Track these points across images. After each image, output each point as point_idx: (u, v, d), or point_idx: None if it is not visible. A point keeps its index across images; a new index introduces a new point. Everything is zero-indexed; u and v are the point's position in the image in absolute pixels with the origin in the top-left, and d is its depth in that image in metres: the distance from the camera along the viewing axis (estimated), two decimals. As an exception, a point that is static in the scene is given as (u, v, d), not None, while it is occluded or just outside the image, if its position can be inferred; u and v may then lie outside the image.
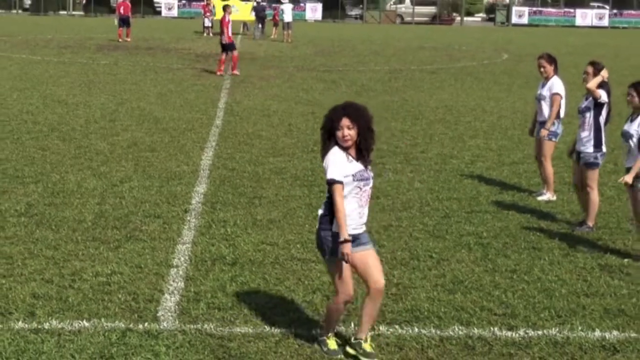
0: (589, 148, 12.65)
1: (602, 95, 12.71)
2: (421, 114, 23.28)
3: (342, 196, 7.79)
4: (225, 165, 16.22)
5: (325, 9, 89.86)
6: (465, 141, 19.56)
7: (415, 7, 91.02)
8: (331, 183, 7.80)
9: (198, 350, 8.13)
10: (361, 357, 8.11)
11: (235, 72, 32.44)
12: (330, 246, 7.92)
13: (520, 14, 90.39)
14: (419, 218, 12.76)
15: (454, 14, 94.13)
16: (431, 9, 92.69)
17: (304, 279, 10.14)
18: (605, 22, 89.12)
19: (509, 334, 8.75)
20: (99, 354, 7.99)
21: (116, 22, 53.30)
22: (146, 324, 8.68)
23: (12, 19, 76.27)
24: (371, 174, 8.10)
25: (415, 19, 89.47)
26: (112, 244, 11.31)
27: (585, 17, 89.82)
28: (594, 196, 12.67)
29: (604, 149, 12.76)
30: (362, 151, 8.03)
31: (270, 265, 10.59)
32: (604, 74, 12.72)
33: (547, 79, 14.69)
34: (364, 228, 8.11)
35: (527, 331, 8.82)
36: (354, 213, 7.94)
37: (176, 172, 15.51)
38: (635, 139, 11.38)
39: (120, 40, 50.38)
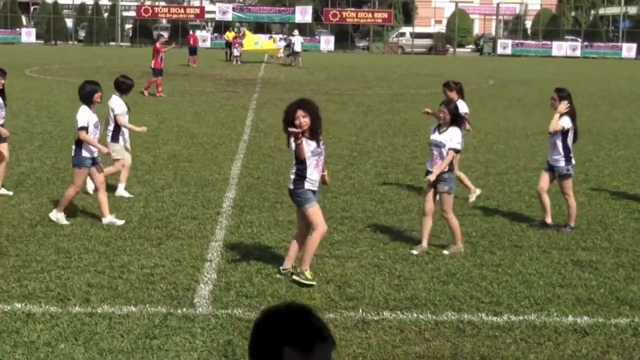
0: (561, 163, 12.66)
1: (565, 125, 12.59)
2: (419, 131, 23.25)
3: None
4: (251, 174, 16.26)
5: (336, 41, 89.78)
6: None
7: (414, 40, 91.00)
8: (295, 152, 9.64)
9: (228, 332, 8.17)
10: (305, 282, 9.55)
11: (151, 93, 32.45)
12: (306, 197, 9.65)
13: (505, 46, 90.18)
14: (418, 220, 12.75)
15: (448, 46, 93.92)
16: (428, 41, 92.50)
17: (319, 271, 10.16)
18: (577, 52, 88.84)
19: (495, 319, 8.77)
20: (144, 334, 8.04)
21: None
22: (184, 309, 8.73)
23: (68, 49, 76.52)
24: (323, 147, 9.83)
25: (414, 49, 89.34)
26: (155, 241, 11.37)
27: (560, 48, 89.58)
28: (572, 201, 12.71)
29: (573, 162, 12.78)
30: (313, 133, 9.63)
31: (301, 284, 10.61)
32: (562, 108, 12.58)
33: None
34: (318, 184, 9.83)
35: (510, 317, 8.84)
36: (313, 176, 9.69)
37: (209, 180, 15.56)
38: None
39: (189, 65, 52.47)
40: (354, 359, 7.69)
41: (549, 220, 12.76)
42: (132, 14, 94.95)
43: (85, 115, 12.23)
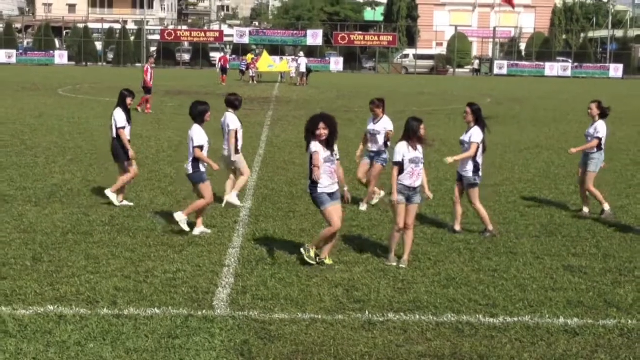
0: (469, 173, 12.64)
1: (477, 140, 12.54)
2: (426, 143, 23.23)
3: (318, 164, 10.32)
4: (266, 186, 16.28)
5: (345, 62, 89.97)
6: (456, 167, 19.47)
7: (417, 61, 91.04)
8: (311, 156, 10.42)
9: (245, 332, 8.17)
10: (306, 257, 10.52)
11: (144, 110, 32.66)
12: (321, 200, 10.40)
13: (501, 67, 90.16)
14: (420, 228, 12.75)
15: (448, 66, 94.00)
16: (429, 62, 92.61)
17: (329, 276, 10.16)
18: (568, 73, 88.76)
19: (492, 320, 8.74)
20: (167, 334, 8.04)
21: (218, 70, 59.77)
22: (204, 311, 8.73)
23: (98, 70, 76.81)
24: (337, 156, 10.55)
25: (417, 70, 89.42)
26: (177, 247, 11.38)
27: (552, 69, 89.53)
28: (480, 208, 12.71)
29: (480, 173, 12.75)
30: (329, 144, 10.38)
31: (302, 265, 10.61)
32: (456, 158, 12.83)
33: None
34: (336, 187, 10.52)
35: (506, 318, 8.81)
36: (324, 181, 10.36)
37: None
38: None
39: (221, 84, 54.35)
40: (361, 357, 7.67)
41: (490, 227, 12.70)
42: (157, 37, 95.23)
43: (201, 134, 12.16)
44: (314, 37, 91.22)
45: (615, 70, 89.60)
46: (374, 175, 14.56)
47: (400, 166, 10.81)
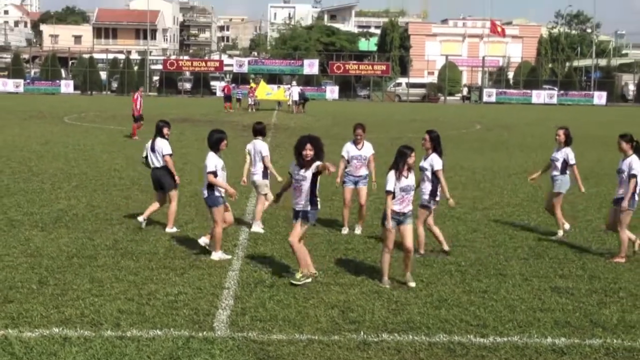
0: (426, 196, 12.71)
1: (438, 166, 12.68)
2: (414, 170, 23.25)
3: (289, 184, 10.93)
4: (265, 210, 16.23)
5: (340, 90, 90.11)
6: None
7: (409, 89, 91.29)
8: (290, 174, 10.90)
9: (244, 353, 8.14)
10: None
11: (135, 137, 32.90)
12: (315, 218, 10.95)
13: (490, 94, 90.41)
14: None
15: (439, 94, 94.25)
16: (421, 90, 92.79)
17: (325, 297, 10.14)
18: (554, 100, 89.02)
19: (482, 340, 8.73)
20: (169, 355, 8.01)
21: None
22: (205, 333, 8.70)
23: (102, 99, 76.92)
24: (303, 175, 10.72)
25: (410, 97, 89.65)
26: (178, 270, 11.36)
27: (539, 96, 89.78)
28: (421, 230, 12.77)
29: (437, 198, 12.77)
30: (310, 163, 10.61)
31: (299, 287, 10.59)
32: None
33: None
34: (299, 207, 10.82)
35: (496, 338, 8.80)
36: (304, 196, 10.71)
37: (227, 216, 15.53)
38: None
39: (229, 110, 56.05)
40: (356, 377, 7.65)
41: (446, 247, 12.77)
42: (159, 67, 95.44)
43: (214, 161, 12.28)
44: (311, 67, 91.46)
45: (599, 97, 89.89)
46: (365, 200, 14.63)
47: (392, 194, 10.83)
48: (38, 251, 12.30)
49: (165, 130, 14.59)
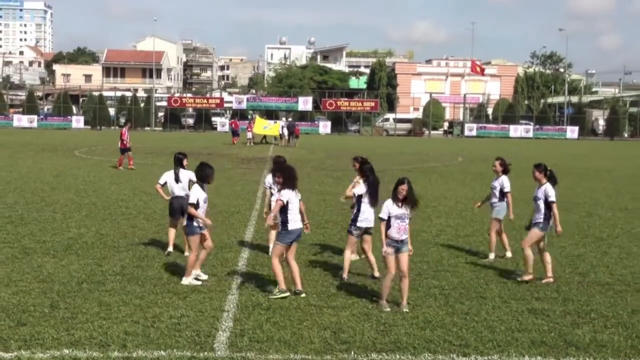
0: (350, 222, 12.82)
1: (357, 192, 12.71)
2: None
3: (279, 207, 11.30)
4: (262, 237, 16.24)
5: (332, 125, 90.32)
6: (432, 220, 19.59)
7: (396, 124, 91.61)
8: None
9: (242, 372, 8.12)
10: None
11: (132, 166, 33.95)
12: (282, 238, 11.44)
13: (471, 129, 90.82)
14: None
15: (424, 129, 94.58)
16: (407, 125, 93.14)
17: (318, 320, 10.13)
18: (530, 134, 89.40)
19: (464, 359, 8.72)
20: (172, 374, 7.98)
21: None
22: (205, 353, 8.68)
23: (111, 133, 76.76)
24: (299, 196, 11.43)
25: (397, 132, 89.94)
26: (181, 294, 11.33)
27: (516, 130, 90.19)
28: (347, 253, 12.73)
29: (357, 224, 12.67)
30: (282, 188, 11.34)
31: (294, 310, 10.59)
32: (356, 180, 13.00)
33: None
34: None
35: (477, 357, 8.79)
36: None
37: (227, 243, 15.56)
38: (497, 191, 13.74)
39: (233, 144, 56.91)
40: (346, 394, 7.63)
41: (376, 273, 12.66)
42: (164, 103, 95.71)
43: (197, 194, 12.16)
44: (305, 103, 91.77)
45: (572, 132, 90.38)
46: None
47: (387, 222, 10.85)
48: (50, 277, 12.27)
49: (184, 162, 14.67)
